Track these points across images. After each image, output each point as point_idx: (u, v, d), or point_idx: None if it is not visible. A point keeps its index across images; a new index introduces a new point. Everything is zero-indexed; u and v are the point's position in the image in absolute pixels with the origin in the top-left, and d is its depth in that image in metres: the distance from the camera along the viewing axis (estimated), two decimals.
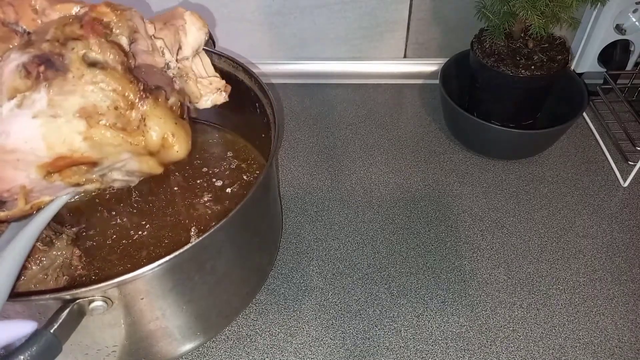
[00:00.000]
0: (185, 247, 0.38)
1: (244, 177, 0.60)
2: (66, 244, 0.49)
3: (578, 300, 0.56)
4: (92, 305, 0.37)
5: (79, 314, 0.36)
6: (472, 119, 0.66)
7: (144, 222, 0.55)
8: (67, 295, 0.35)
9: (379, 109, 0.80)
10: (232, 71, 0.56)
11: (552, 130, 0.65)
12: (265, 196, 0.50)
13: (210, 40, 0.59)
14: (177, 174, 0.60)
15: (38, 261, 0.47)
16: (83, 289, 0.36)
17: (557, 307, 0.55)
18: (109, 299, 0.37)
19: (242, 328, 0.54)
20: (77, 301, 0.36)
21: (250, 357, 0.51)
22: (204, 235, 0.40)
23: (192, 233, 0.54)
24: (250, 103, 0.56)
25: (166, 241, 0.53)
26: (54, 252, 0.48)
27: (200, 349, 0.52)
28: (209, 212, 0.56)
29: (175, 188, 0.58)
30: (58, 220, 0.53)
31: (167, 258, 0.38)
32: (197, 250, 0.41)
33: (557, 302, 0.55)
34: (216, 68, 0.57)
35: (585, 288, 0.57)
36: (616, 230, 0.62)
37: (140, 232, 0.54)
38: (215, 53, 0.57)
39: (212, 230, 0.40)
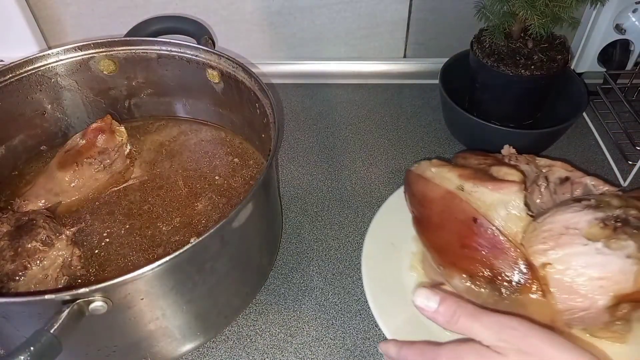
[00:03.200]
0: (185, 248, 0.38)
1: (244, 177, 0.60)
2: (66, 244, 0.49)
3: None
4: (92, 305, 0.37)
5: (79, 314, 0.36)
6: (472, 119, 0.66)
7: (145, 224, 0.55)
8: (67, 295, 0.35)
9: (379, 109, 0.80)
10: (232, 71, 0.56)
11: (552, 130, 0.65)
12: (265, 197, 0.50)
13: (210, 41, 0.59)
14: (178, 177, 0.60)
15: (38, 261, 0.47)
16: (83, 290, 0.36)
17: None
18: (109, 299, 0.37)
19: (242, 328, 0.54)
20: (77, 301, 0.36)
21: (251, 357, 0.51)
22: (203, 236, 0.40)
23: (193, 235, 0.54)
24: (250, 103, 0.56)
25: (165, 241, 0.53)
26: (54, 253, 0.48)
27: (201, 349, 0.52)
28: (210, 211, 0.56)
29: (179, 191, 0.58)
30: (58, 221, 0.53)
31: (167, 258, 0.38)
32: (197, 251, 0.41)
33: None
34: (216, 68, 0.58)
35: None
36: None
37: (142, 234, 0.54)
38: (215, 53, 0.57)
39: (211, 230, 0.40)
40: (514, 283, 0.44)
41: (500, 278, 0.44)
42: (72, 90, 0.61)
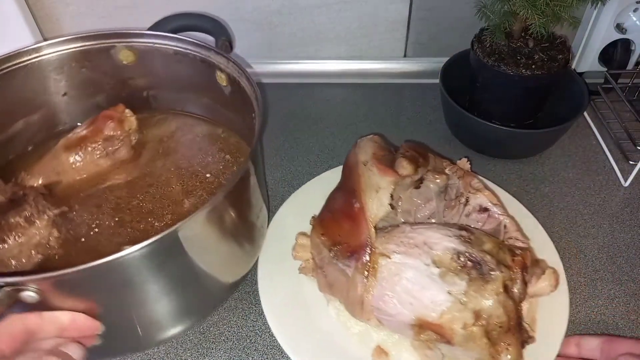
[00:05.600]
0: (125, 252, 0.38)
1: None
2: (46, 224, 0.51)
3: (579, 300, 0.55)
4: (23, 294, 0.38)
5: (9, 299, 0.37)
6: (473, 119, 0.66)
7: (136, 218, 0.55)
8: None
9: (379, 109, 0.80)
10: (236, 77, 0.55)
11: (553, 130, 0.65)
12: (246, 185, 0.50)
13: (227, 43, 0.59)
14: (171, 173, 0.60)
15: (17, 236, 0.49)
16: (15, 278, 0.37)
17: None
18: (40, 290, 0.38)
19: (241, 329, 0.54)
20: (8, 288, 0.37)
21: (250, 358, 0.51)
22: (161, 236, 0.39)
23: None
24: (248, 110, 0.56)
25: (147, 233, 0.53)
26: (32, 231, 0.50)
27: (200, 350, 0.52)
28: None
29: (172, 187, 0.58)
30: (55, 200, 0.55)
31: (97, 262, 0.37)
32: (150, 251, 0.40)
33: None
34: (224, 71, 0.57)
35: (587, 288, 0.56)
36: (617, 230, 0.62)
37: (132, 227, 0.54)
38: (224, 56, 0.56)
39: (162, 233, 0.39)
40: (351, 253, 0.48)
41: (344, 245, 0.48)
42: (92, 76, 0.62)
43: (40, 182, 0.56)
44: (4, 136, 0.60)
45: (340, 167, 0.63)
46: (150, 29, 0.61)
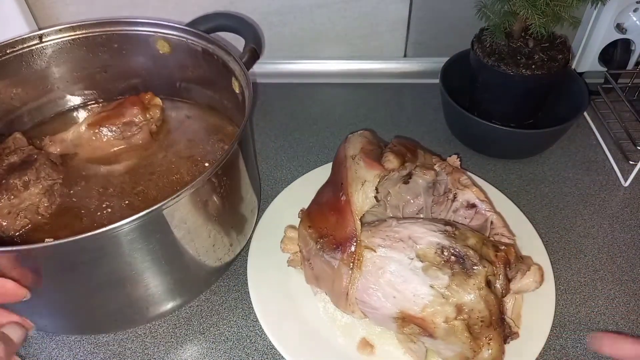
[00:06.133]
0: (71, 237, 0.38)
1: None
2: (38, 192, 0.53)
3: (579, 300, 0.55)
4: None
5: None
6: (473, 119, 0.66)
7: (128, 200, 0.55)
8: None
9: (379, 109, 0.80)
10: (244, 86, 0.55)
11: (553, 130, 0.65)
12: (234, 169, 0.50)
13: (254, 50, 0.59)
14: (172, 163, 0.60)
15: (11, 198, 0.52)
16: None
17: (558, 307, 0.54)
18: None
19: (241, 329, 0.54)
20: None
21: (250, 358, 0.51)
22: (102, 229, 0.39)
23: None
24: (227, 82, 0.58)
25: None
26: (25, 195, 0.52)
27: (200, 350, 0.52)
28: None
29: (175, 177, 0.58)
30: (66, 171, 0.57)
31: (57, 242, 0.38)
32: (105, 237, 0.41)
33: (558, 302, 0.55)
34: (238, 79, 0.57)
35: (587, 288, 0.56)
36: (617, 230, 0.62)
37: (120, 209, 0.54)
38: (239, 64, 0.56)
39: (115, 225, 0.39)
40: (337, 245, 0.48)
41: (330, 237, 0.49)
42: (131, 59, 0.64)
43: (58, 150, 0.59)
44: (45, 99, 0.64)
45: None
46: (189, 24, 0.62)
